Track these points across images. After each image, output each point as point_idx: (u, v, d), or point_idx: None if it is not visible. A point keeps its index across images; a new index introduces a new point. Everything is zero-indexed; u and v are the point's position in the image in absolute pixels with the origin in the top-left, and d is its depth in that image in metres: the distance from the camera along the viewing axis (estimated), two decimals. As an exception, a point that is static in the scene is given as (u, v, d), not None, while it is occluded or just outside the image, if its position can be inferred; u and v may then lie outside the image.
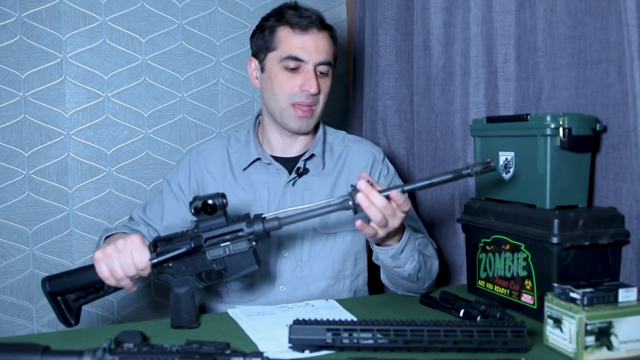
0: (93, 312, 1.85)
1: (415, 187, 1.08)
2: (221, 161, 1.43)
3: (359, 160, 1.44)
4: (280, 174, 1.40)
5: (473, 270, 1.34)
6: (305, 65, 1.33)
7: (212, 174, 1.42)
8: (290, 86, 1.34)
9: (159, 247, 1.11)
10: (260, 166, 1.41)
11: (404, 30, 1.87)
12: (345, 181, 1.42)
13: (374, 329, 0.95)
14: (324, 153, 1.43)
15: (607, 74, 1.20)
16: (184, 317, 1.11)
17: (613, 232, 1.14)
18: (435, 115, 1.67)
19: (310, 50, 1.33)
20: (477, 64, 1.51)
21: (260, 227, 1.08)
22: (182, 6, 1.89)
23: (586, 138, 1.18)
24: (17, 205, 1.76)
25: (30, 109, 1.76)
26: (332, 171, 1.42)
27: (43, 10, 1.75)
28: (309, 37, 1.34)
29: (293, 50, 1.33)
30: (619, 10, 1.14)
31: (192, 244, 1.09)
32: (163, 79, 1.89)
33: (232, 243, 1.08)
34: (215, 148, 1.45)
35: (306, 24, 1.33)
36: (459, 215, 1.42)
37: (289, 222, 1.09)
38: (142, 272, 1.12)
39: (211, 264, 1.10)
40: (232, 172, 1.41)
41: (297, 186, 1.39)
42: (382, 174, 1.46)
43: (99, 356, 0.80)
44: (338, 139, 1.48)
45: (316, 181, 1.40)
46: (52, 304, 1.14)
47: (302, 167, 1.40)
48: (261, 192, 1.39)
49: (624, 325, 0.92)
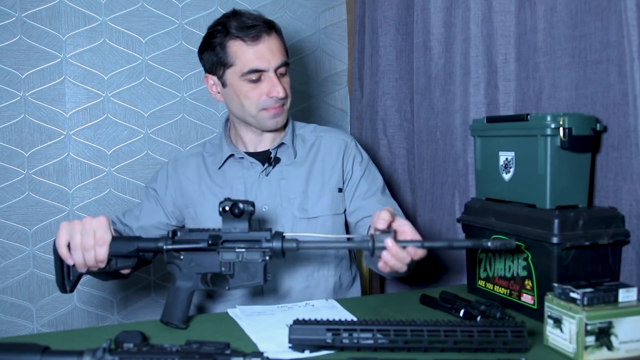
0: (93, 312, 1.85)
1: (434, 246, 1.10)
2: (196, 165, 1.48)
3: (332, 148, 1.47)
4: (254, 166, 1.43)
5: (473, 270, 1.34)
6: (266, 73, 1.36)
7: (189, 178, 1.46)
8: (257, 96, 1.37)
9: (178, 235, 1.12)
10: (234, 162, 1.45)
11: (404, 30, 1.87)
12: (320, 169, 1.45)
13: (374, 329, 0.95)
14: (294, 142, 1.46)
15: (607, 74, 1.20)
16: (176, 315, 1.11)
17: (613, 232, 1.14)
18: (435, 115, 1.67)
19: (267, 58, 1.35)
20: (477, 64, 1.51)
21: (279, 245, 1.08)
22: (182, 6, 1.89)
23: (586, 138, 1.18)
24: (17, 205, 1.76)
25: (30, 109, 1.76)
26: (305, 159, 1.46)
27: (43, 10, 1.75)
28: (262, 45, 1.35)
29: (251, 64, 1.34)
30: (619, 10, 1.14)
31: (209, 240, 1.09)
32: (163, 79, 1.89)
33: (247, 251, 1.09)
34: (191, 155, 1.51)
35: (255, 33, 1.34)
36: (459, 215, 1.42)
37: (306, 247, 1.10)
38: (99, 251, 1.10)
39: (220, 266, 1.10)
40: (208, 173, 1.46)
41: (272, 176, 1.43)
42: (357, 160, 1.49)
43: (99, 356, 0.80)
44: (309, 130, 1.52)
45: (291, 170, 1.44)
46: (56, 265, 1.14)
47: (274, 155, 1.44)
48: (238, 186, 1.42)
49: (624, 325, 0.92)
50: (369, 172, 1.49)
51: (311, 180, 1.44)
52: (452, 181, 1.62)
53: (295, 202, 1.42)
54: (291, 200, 1.42)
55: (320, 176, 1.45)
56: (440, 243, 1.12)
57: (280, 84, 1.36)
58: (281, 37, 1.41)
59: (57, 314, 1.82)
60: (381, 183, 1.50)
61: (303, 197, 1.42)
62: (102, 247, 1.10)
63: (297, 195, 1.42)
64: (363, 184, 1.46)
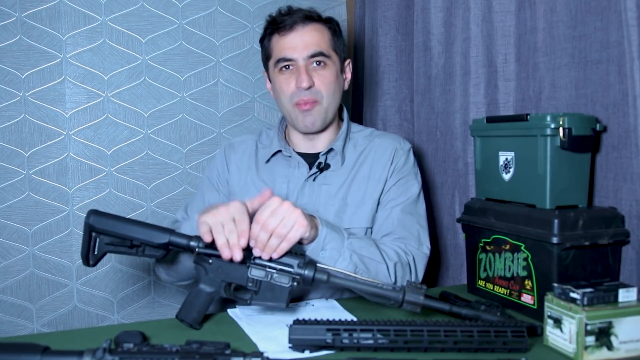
0: (93, 312, 1.85)
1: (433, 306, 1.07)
2: (248, 154, 1.45)
3: (382, 155, 1.40)
4: (300, 167, 1.39)
5: (473, 270, 1.34)
6: (296, 62, 1.34)
7: (237, 167, 1.44)
8: (289, 87, 1.35)
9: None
10: (282, 159, 1.41)
11: (404, 30, 1.87)
12: (365, 177, 1.38)
13: (374, 329, 0.95)
14: (344, 148, 1.41)
15: (607, 74, 1.20)
16: (193, 315, 1.10)
17: (613, 232, 1.14)
18: (435, 115, 1.67)
19: (296, 47, 1.33)
20: (477, 64, 1.51)
21: (311, 274, 1.07)
22: (182, 6, 1.89)
23: (586, 138, 1.18)
24: (17, 205, 1.76)
25: (30, 109, 1.76)
26: (352, 166, 1.40)
27: (43, 10, 1.75)
28: (294, 34, 1.34)
29: (282, 52, 1.34)
30: (619, 10, 1.14)
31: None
32: (163, 79, 1.89)
33: (277, 272, 1.08)
34: (245, 141, 1.48)
35: (289, 23, 1.34)
36: (459, 215, 1.42)
37: (336, 282, 1.08)
38: (242, 242, 1.06)
39: (247, 281, 1.08)
40: (256, 165, 1.43)
41: (317, 181, 1.38)
42: (398, 166, 1.40)
43: (99, 356, 0.80)
44: (364, 135, 1.45)
45: (335, 176, 1.39)
46: (85, 236, 1.11)
47: (324, 162, 1.39)
48: (281, 185, 1.39)
49: (624, 325, 0.92)
50: (405, 181, 1.39)
51: (353, 188, 1.37)
52: (452, 181, 1.62)
53: (332, 209, 1.35)
54: (328, 207, 1.36)
55: (364, 185, 1.37)
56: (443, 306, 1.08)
57: (307, 73, 1.32)
58: (327, 29, 1.37)
59: (57, 314, 1.82)
60: (412, 195, 1.39)
61: (341, 205, 1.36)
62: (245, 232, 1.06)
63: (336, 202, 1.36)
64: (391, 192, 1.38)
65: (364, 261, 1.21)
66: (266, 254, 1.07)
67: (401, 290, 1.04)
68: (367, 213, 1.36)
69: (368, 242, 1.26)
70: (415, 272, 1.31)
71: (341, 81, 1.42)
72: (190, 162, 1.93)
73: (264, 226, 1.06)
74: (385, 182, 1.38)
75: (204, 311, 1.11)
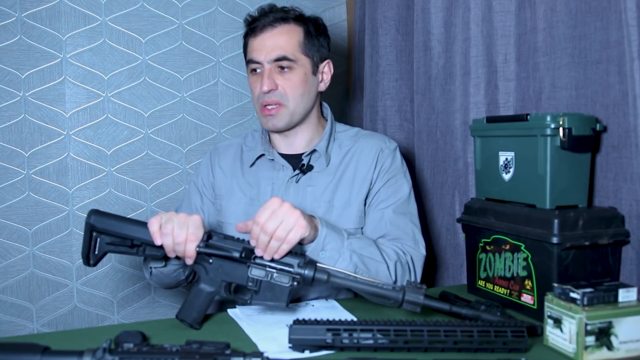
0: (93, 312, 1.86)
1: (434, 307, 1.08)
2: (233, 158, 1.45)
3: (367, 156, 1.39)
4: (284, 169, 1.39)
5: (473, 270, 1.34)
6: (262, 65, 1.34)
7: (223, 170, 1.44)
8: (256, 89, 1.36)
9: (213, 239, 1.10)
10: (266, 162, 1.41)
11: (404, 30, 1.87)
12: (351, 178, 1.37)
13: (374, 329, 0.95)
14: (328, 149, 1.40)
15: (607, 74, 1.20)
16: (193, 315, 1.10)
17: (613, 232, 1.14)
18: (435, 115, 1.67)
19: (262, 50, 1.33)
20: (477, 64, 1.51)
21: (311, 274, 1.07)
22: (182, 6, 1.89)
23: (586, 138, 1.18)
24: (17, 205, 1.76)
25: (30, 109, 1.76)
26: (337, 167, 1.39)
27: (43, 10, 1.75)
28: (262, 37, 1.34)
29: (250, 54, 1.36)
30: (619, 10, 1.14)
31: (242, 253, 1.08)
32: (163, 79, 1.89)
33: (277, 272, 1.08)
34: (230, 145, 1.49)
35: (260, 25, 1.34)
36: (459, 215, 1.42)
37: (336, 282, 1.08)
38: (189, 247, 1.08)
39: (247, 281, 1.09)
40: (242, 168, 1.43)
41: (301, 183, 1.38)
42: (385, 166, 1.39)
43: (99, 356, 0.80)
44: (349, 135, 1.44)
45: (320, 177, 1.38)
46: (85, 236, 1.12)
47: (306, 163, 1.39)
48: (265, 187, 1.39)
49: (624, 325, 0.92)
50: (394, 181, 1.38)
51: (339, 189, 1.37)
52: (452, 181, 1.62)
53: (318, 211, 1.35)
54: (314, 209, 1.35)
55: (349, 186, 1.37)
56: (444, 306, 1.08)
57: (270, 77, 1.32)
58: (298, 32, 1.35)
59: (57, 314, 1.82)
60: (403, 195, 1.38)
61: (328, 207, 1.36)
62: (192, 244, 1.07)
63: (322, 204, 1.36)
64: (381, 194, 1.37)
65: (364, 261, 1.21)
66: (268, 255, 1.07)
67: (401, 290, 1.04)
68: (353, 214, 1.36)
69: (368, 242, 1.26)
70: (415, 272, 1.31)
71: (314, 83, 1.39)
72: (190, 162, 1.94)
73: (263, 228, 1.06)
74: (371, 182, 1.38)
75: (204, 311, 1.11)
